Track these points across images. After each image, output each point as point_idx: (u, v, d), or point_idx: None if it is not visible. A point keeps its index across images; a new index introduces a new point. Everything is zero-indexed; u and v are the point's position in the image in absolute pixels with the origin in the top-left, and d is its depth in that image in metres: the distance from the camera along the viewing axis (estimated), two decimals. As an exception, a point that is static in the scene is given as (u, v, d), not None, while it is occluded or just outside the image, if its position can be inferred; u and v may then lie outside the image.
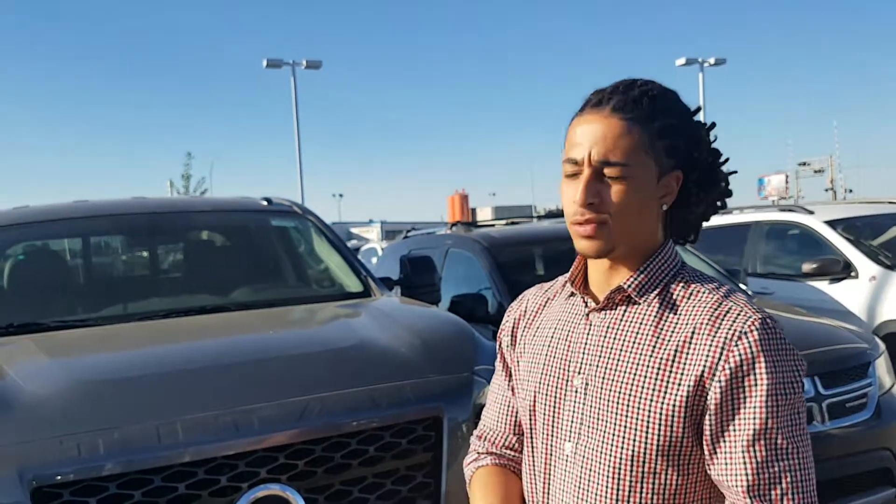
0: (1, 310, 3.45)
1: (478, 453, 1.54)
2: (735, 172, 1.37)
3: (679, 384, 1.19)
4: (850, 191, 40.90)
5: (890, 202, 7.46)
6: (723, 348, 1.17)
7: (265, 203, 4.38)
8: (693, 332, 1.21)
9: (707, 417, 1.18)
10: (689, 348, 1.20)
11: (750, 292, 5.75)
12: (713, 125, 1.35)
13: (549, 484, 1.35)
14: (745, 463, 1.15)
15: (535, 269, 5.98)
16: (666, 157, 1.25)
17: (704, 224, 1.37)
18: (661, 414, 1.19)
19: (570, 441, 1.30)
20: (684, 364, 1.20)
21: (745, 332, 1.17)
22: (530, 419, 1.40)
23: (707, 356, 1.18)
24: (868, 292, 5.90)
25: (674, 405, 1.19)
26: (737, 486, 1.16)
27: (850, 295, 6.01)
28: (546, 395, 1.35)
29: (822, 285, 6.25)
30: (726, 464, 1.17)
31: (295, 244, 4.48)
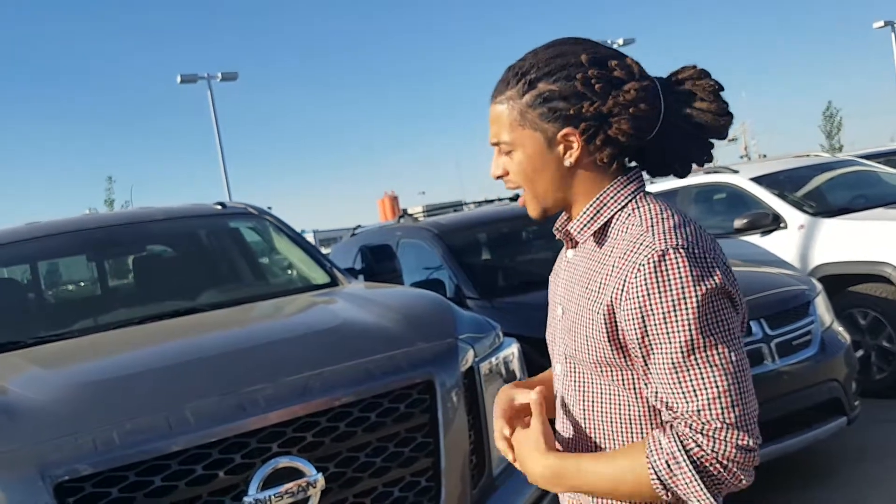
0: None
1: None
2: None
3: (597, 312, 1.31)
4: (765, 156, 42.22)
5: (807, 155, 7.89)
6: (624, 281, 1.27)
7: (219, 207, 4.43)
8: (613, 265, 1.31)
9: (630, 345, 1.28)
10: (607, 280, 1.31)
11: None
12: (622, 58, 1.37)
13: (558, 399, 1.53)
14: (661, 384, 1.25)
15: (485, 249, 6.15)
16: (546, 123, 1.35)
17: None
18: (591, 339, 1.33)
19: (559, 363, 1.49)
20: (601, 295, 1.31)
21: (643, 265, 1.24)
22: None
23: (614, 289, 1.28)
24: (799, 240, 6.23)
25: (596, 331, 1.31)
26: (659, 403, 1.28)
27: (782, 245, 6.33)
28: (549, 327, 1.55)
29: (755, 239, 6.57)
30: (652, 386, 1.28)
31: (256, 243, 4.54)
